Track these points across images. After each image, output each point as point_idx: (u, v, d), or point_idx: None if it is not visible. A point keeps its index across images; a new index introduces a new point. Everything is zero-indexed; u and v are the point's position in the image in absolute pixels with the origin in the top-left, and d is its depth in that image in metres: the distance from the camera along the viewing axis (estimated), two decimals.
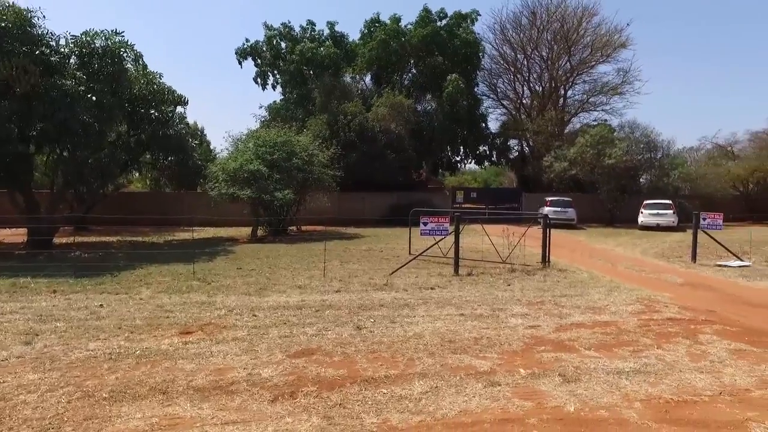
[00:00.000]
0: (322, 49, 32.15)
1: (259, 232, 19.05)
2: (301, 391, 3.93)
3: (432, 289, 8.47)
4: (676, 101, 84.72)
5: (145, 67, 16.55)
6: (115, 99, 14.02)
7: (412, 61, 33.80)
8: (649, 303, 7.42)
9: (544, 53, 36.09)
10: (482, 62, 35.33)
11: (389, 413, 3.56)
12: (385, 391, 3.93)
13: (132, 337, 5.43)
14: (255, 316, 6.42)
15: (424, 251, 11.12)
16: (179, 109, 19.45)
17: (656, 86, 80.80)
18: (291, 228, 21.04)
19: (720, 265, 11.58)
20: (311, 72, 32.46)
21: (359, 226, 23.42)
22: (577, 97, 37.06)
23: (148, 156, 20.26)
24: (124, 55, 14.29)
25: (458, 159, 37.30)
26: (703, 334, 5.71)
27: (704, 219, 12.75)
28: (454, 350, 4.98)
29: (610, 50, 34.23)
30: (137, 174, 28.74)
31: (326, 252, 13.55)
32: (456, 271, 10.09)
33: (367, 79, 36.02)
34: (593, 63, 35.22)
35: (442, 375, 4.27)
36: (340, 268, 10.84)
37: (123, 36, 14.15)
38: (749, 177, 29.42)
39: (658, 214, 23.37)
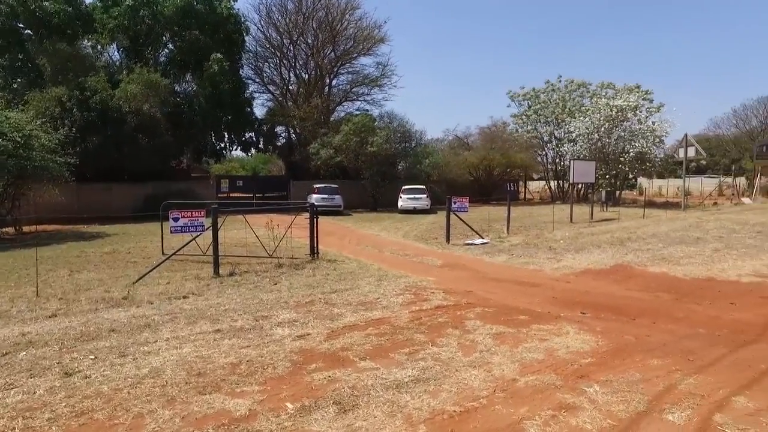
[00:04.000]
0: (48, 3, 25.77)
1: None
2: None
3: (185, 297, 7.05)
4: (426, 97, 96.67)
5: None
6: None
7: (167, 35, 29.95)
8: (417, 291, 7.43)
9: (309, 40, 36.09)
10: (247, 44, 33.52)
11: None
12: None
13: None
14: None
15: (179, 250, 9.49)
16: None
17: (409, 81, 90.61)
18: (5, 230, 16.38)
19: (468, 244, 12.82)
20: (32, 33, 25.93)
21: (106, 223, 19.58)
22: (341, 86, 38.26)
23: None
24: None
25: (223, 146, 34.79)
26: (469, 320, 5.77)
27: (455, 202, 14.01)
28: (204, 388, 3.83)
29: (371, 44, 36.11)
30: None
31: (54, 259, 10.69)
32: (216, 271, 8.78)
33: (113, 51, 30.75)
34: (355, 55, 36.70)
35: None
36: (68, 280, 8.44)
37: None
38: (479, 164, 34.56)
39: (414, 199, 25.52)
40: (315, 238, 10.71)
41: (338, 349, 4.77)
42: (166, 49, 30.92)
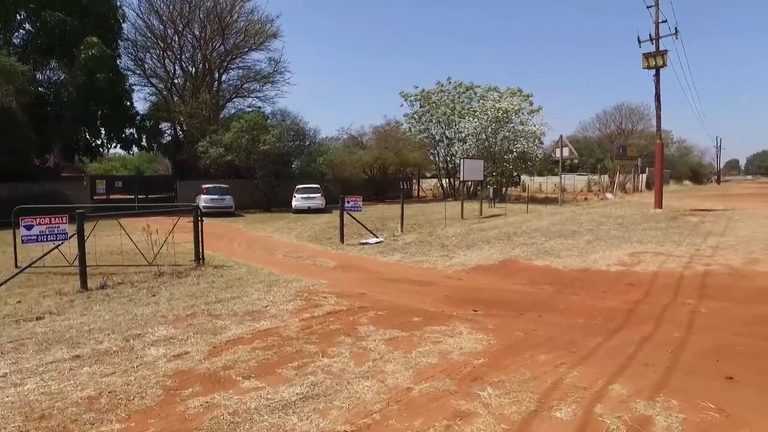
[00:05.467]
0: None
1: None
2: None
3: (39, 318, 6.06)
4: (320, 95, 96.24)
5: None
6: None
7: (22, 14, 26.35)
8: (309, 296, 7.09)
9: (197, 32, 33.80)
10: (125, 31, 30.58)
11: None
12: None
13: None
14: None
15: (35, 262, 8.27)
16: None
17: (302, 79, 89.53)
18: None
19: (362, 244, 12.71)
20: None
21: None
22: (232, 82, 36.47)
23: None
24: None
25: (100, 143, 31.38)
26: (362, 325, 5.56)
27: (348, 202, 13.84)
28: None
29: (263, 39, 34.76)
30: None
31: None
32: (83, 284, 7.73)
33: None
34: (247, 49, 35.13)
35: None
36: None
37: None
38: (374, 163, 34.91)
39: (309, 198, 25.05)
40: (200, 243, 9.93)
41: (220, 368, 4.31)
42: (21, 30, 27.22)
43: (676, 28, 19.25)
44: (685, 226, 14.13)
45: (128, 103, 30.29)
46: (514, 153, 28.27)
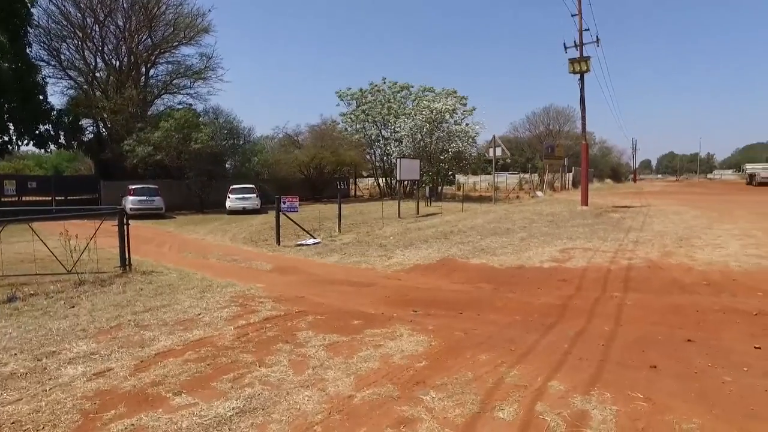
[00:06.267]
0: None
1: None
2: None
3: None
4: (255, 93, 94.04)
5: None
6: None
7: None
8: (244, 301, 6.80)
9: (120, 22, 31.74)
10: (35, 17, 28.09)
11: None
12: None
13: None
14: None
15: None
16: None
17: (236, 76, 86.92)
18: None
19: (299, 245, 12.46)
20: None
21: None
22: (160, 77, 34.64)
23: None
24: None
25: (7, 139, 28.68)
26: (300, 331, 5.38)
27: (284, 202, 13.51)
28: None
29: (193, 33, 33.24)
30: None
31: None
32: None
33: None
34: (176, 43, 33.45)
35: None
36: None
37: None
38: (310, 163, 34.48)
39: (243, 198, 24.38)
40: (127, 247, 9.29)
41: (147, 385, 3.99)
42: None
43: (597, 36, 20.37)
44: (608, 222, 14.96)
45: (41, 97, 27.92)
46: (449, 152, 28.85)
